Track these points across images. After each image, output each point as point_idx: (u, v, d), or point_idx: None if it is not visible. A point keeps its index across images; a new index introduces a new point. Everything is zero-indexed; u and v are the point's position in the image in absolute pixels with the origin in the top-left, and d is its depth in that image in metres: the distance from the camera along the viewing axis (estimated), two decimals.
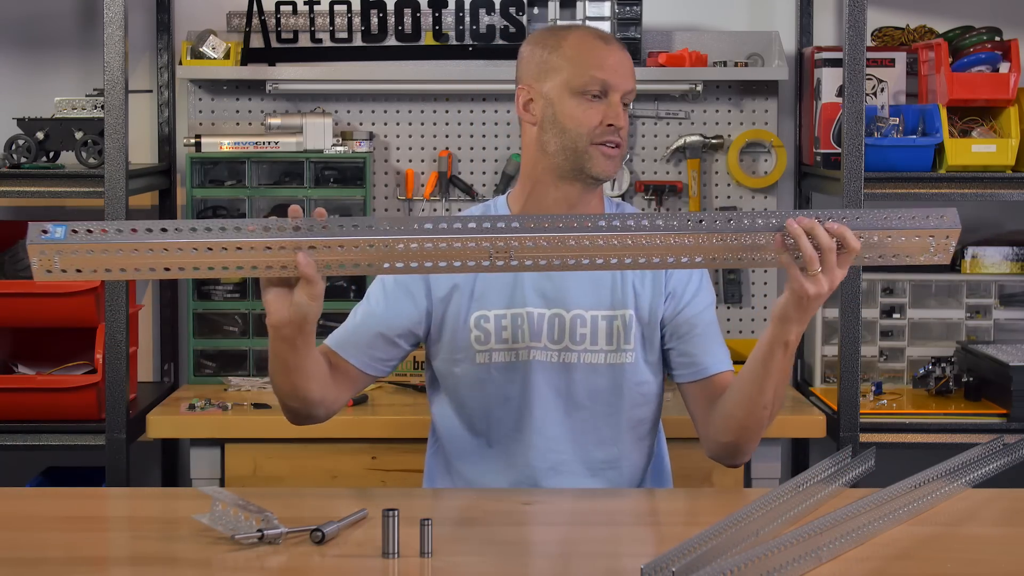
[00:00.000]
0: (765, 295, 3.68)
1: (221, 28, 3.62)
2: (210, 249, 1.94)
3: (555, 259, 1.97)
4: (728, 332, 3.65)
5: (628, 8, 3.51)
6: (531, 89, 2.37)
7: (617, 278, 2.39)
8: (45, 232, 1.94)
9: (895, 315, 3.52)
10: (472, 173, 3.66)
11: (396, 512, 1.87)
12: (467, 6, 3.54)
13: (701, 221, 1.97)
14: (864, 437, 3.15)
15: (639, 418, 2.41)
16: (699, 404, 2.38)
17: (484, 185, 3.66)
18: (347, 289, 3.52)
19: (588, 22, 3.49)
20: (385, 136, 3.66)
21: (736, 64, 3.58)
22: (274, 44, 3.58)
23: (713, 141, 3.64)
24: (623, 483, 2.41)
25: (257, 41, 3.57)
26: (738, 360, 3.38)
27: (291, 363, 2.18)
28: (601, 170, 2.34)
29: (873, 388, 3.40)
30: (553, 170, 2.36)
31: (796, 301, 2.07)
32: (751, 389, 2.21)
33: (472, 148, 3.66)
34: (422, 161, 3.66)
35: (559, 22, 3.51)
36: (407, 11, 3.56)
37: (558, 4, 3.54)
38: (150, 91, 3.65)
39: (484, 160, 3.67)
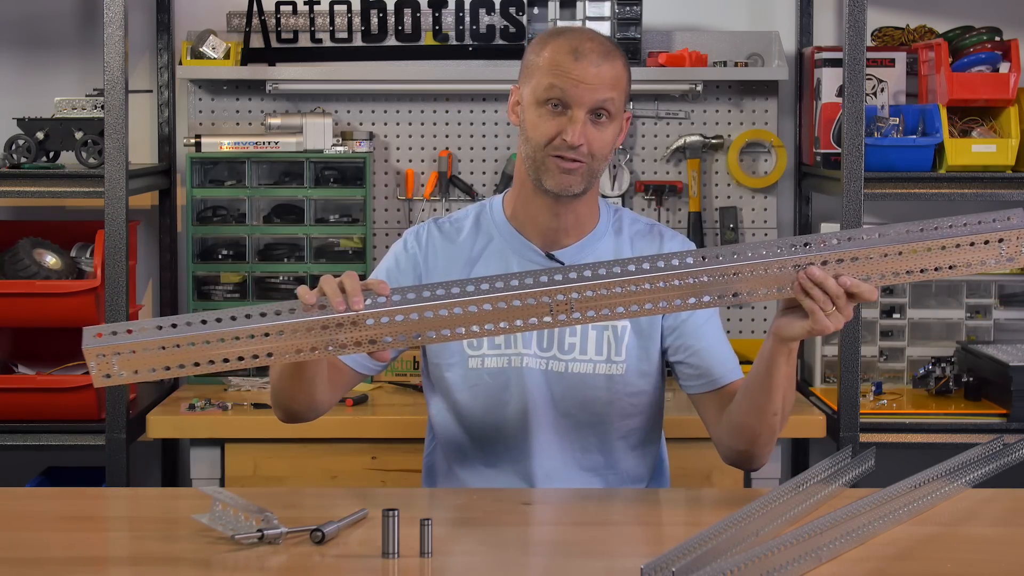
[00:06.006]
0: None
1: (221, 28, 3.62)
2: (281, 333, 1.92)
3: (605, 308, 1.97)
4: (728, 332, 3.64)
5: (628, 8, 3.51)
6: (517, 91, 2.35)
7: None
8: (100, 336, 1.93)
9: (895, 315, 3.52)
10: (472, 173, 3.66)
11: (396, 512, 1.87)
12: (467, 6, 3.54)
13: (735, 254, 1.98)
14: (864, 437, 3.15)
15: (630, 428, 2.40)
16: (712, 413, 2.35)
17: (484, 185, 3.66)
18: None
19: (588, 22, 3.49)
20: (385, 136, 3.66)
21: (736, 64, 3.58)
22: (274, 44, 3.58)
23: (713, 141, 3.64)
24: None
25: (257, 41, 3.57)
26: (742, 360, 3.39)
27: (310, 371, 2.19)
28: (554, 183, 2.28)
29: (873, 388, 3.39)
30: (528, 179, 2.33)
31: (808, 331, 2.05)
32: (759, 399, 2.20)
33: (472, 148, 3.66)
34: (422, 161, 3.66)
35: (559, 23, 3.51)
36: (407, 11, 3.56)
37: (558, 4, 3.54)
38: (150, 91, 3.65)
39: (484, 160, 3.67)
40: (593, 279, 1.95)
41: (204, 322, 1.92)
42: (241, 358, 1.92)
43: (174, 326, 1.92)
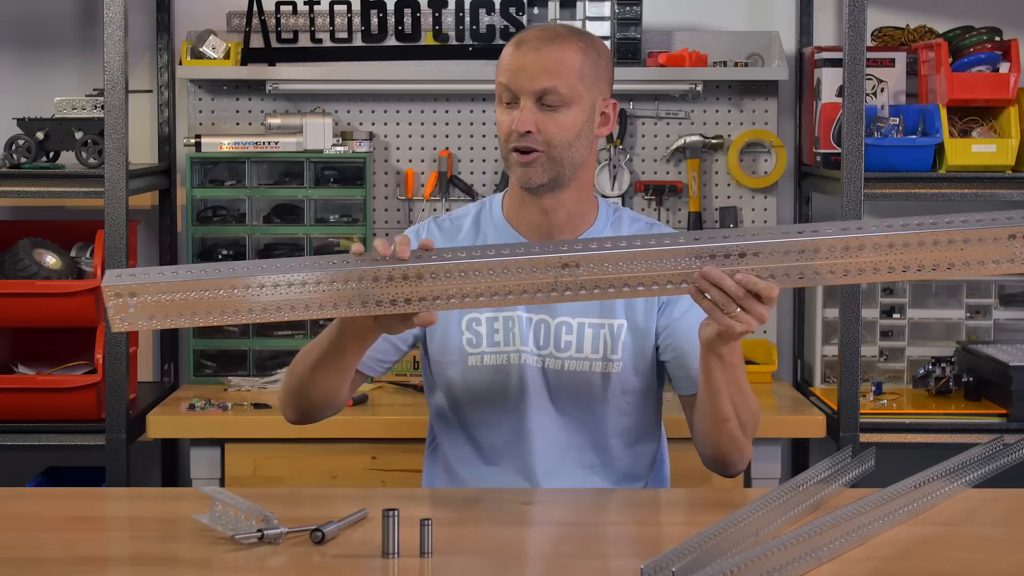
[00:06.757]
0: None
1: (221, 28, 3.62)
2: (320, 283, 1.93)
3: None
4: None
5: (628, 8, 3.51)
6: None
7: None
8: (120, 276, 1.93)
9: (895, 315, 3.52)
10: (472, 173, 3.66)
11: (396, 512, 1.87)
12: (467, 6, 3.54)
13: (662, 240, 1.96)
14: (864, 437, 3.15)
15: (628, 426, 2.40)
16: (691, 415, 2.37)
17: (484, 185, 3.66)
18: None
19: (588, 23, 3.49)
20: (385, 136, 3.66)
21: (736, 64, 3.58)
22: (274, 44, 3.58)
23: (713, 141, 3.64)
24: (617, 486, 2.40)
25: (257, 41, 3.57)
26: None
27: (348, 362, 2.19)
28: (517, 177, 2.30)
29: (873, 388, 3.39)
30: None
31: (723, 335, 2.07)
32: (706, 405, 2.22)
33: (472, 148, 3.66)
34: (422, 161, 3.66)
35: (558, 22, 3.51)
36: (407, 11, 3.56)
37: (558, 4, 3.54)
38: (150, 91, 3.65)
39: (484, 160, 3.67)
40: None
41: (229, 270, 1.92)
42: (279, 309, 1.93)
43: (208, 272, 1.93)
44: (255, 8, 3.53)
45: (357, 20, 3.58)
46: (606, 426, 2.38)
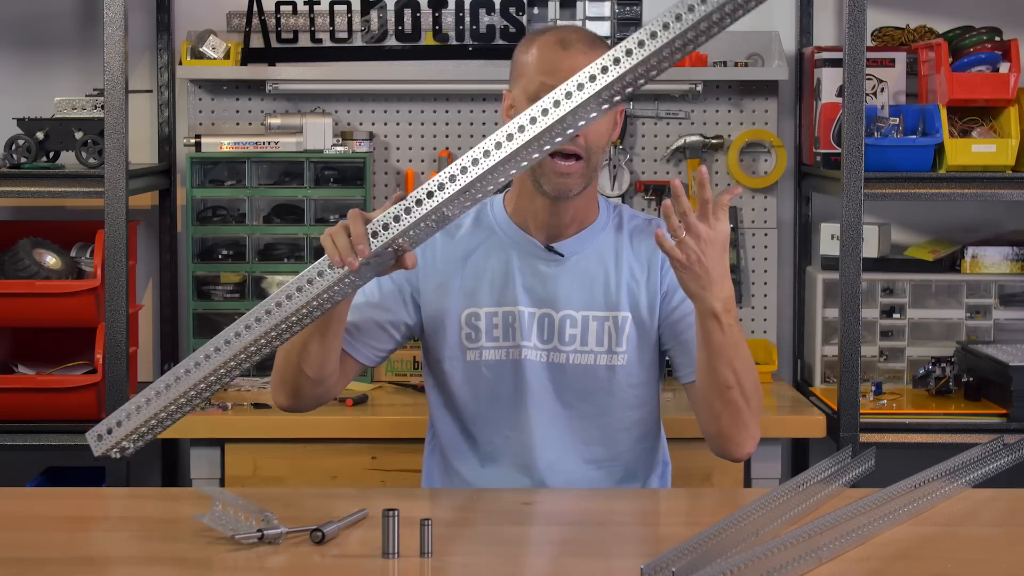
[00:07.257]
0: (765, 295, 3.68)
1: (221, 28, 3.62)
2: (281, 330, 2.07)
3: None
4: None
5: (628, 8, 3.51)
6: (510, 95, 2.35)
7: (611, 280, 2.37)
8: (100, 437, 2.07)
9: (895, 315, 3.52)
10: None
11: (396, 512, 1.87)
12: (467, 6, 3.55)
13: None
14: (864, 437, 3.15)
15: (633, 419, 2.40)
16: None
17: None
18: None
19: (588, 22, 3.49)
20: (385, 136, 3.66)
21: (736, 64, 3.58)
22: (274, 44, 3.58)
23: (713, 141, 3.64)
24: (621, 483, 2.41)
25: (257, 41, 3.57)
26: None
27: (338, 314, 2.20)
28: (552, 187, 2.29)
29: (873, 388, 3.39)
30: (527, 178, 2.34)
31: (679, 270, 2.13)
32: (706, 372, 2.21)
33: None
34: (422, 161, 3.66)
35: (559, 23, 3.51)
36: (407, 11, 3.56)
37: (558, 4, 3.55)
38: (150, 91, 3.65)
39: None
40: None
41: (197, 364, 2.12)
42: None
43: (167, 386, 2.07)
44: (255, 8, 3.54)
45: (357, 20, 3.58)
46: (612, 420, 2.39)
